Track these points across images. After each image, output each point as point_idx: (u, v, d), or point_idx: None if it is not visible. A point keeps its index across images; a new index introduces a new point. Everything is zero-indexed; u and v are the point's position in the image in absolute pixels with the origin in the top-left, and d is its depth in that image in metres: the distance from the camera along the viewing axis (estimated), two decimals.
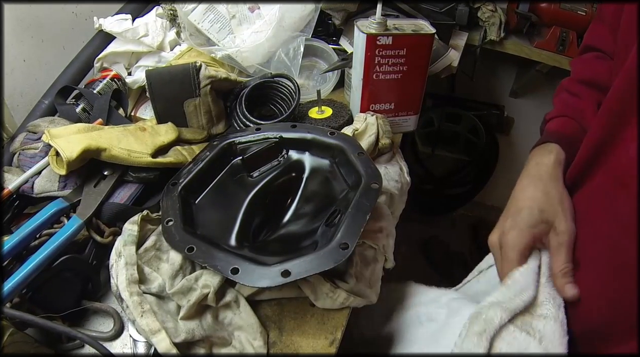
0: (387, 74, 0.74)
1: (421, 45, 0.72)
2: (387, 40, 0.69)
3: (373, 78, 0.73)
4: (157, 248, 0.57)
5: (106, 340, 0.53)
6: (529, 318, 0.48)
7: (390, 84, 0.75)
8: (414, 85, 0.77)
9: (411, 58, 0.73)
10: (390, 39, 0.69)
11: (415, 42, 0.71)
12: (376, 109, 0.80)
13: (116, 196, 0.61)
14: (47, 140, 0.59)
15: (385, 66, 0.72)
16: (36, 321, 0.47)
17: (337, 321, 0.56)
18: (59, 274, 0.53)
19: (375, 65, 0.72)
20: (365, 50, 0.70)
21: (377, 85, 0.75)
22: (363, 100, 0.78)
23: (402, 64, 0.72)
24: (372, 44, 0.69)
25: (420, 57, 0.74)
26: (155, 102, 0.75)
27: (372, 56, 0.70)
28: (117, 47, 0.88)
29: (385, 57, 0.71)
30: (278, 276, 0.47)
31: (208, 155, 0.65)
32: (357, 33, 0.70)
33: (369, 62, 0.71)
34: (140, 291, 0.52)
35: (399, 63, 0.72)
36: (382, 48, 0.70)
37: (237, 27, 0.91)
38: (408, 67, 0.73)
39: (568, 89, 0.66)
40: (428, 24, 0.76)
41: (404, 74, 0.74)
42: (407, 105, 0.81)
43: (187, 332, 0.51)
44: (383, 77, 0.74)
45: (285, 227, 0.62)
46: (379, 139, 0.72)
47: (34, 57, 0.85)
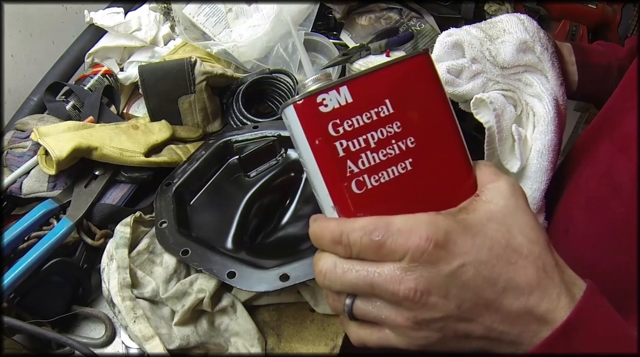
0: (377, 170, 0.32)
1: (415, 79, 0.34)
2: (339, 97, 0.32)
3: (349, 193, 0.32)
4: (150, 251, 0.57)
5: (97, 347, 0.53)
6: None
7: (396, 188, 0.33)
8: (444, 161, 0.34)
9: (409, 110, 0.33)
10: (345, 90, 0.32)
11: (402, 74, 0.33)
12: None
13: (108, 196, 0.61)
14: (36, 139, 0.59)
15: (364, 156, 0.32)
16: (24, 327, 0.47)
17: (337, 327, 0.56)
18: (48, 278, 0.53)
19: (341, 164, 0.32)
20: (306, 136, 0.32)
21: (366, 206, 0.32)
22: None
23: (396, 132, 0.32)
24: (313, 118, 0.32)
25: (425, 102, 0.34)
26: (149, 99, 0.75)
27: (327, 144, 0.32)
28: (109, 41, 0.88)
29: (353, 135, 0.32)
30: (276, 280, 0.47)
31: (203, 154, 0.65)
32: (285, 113, 0.33)
33: (326, 162, 0.32)
34: (133, 296, 0.52)
35: (389, 133, 0.32)
36: (339, 116, 0.32)
37: (234, 21, 0.91)
38: (412, 130, 0.33)
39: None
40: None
41: (412, 151, 0.33)
42: (447, 200, 0.34)
43: (182, 338, 0.51)
44: (372, 181, 0.32)
45: (283, 229, 0.62)
46: None
47: (22, 52, 0.85)
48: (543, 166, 0.55)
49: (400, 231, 0.29)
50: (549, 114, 0.54)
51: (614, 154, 0.49)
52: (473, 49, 0.55)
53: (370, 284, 0.30)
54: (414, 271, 0.29)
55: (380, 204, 0.32)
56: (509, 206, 0.32)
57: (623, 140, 0.47)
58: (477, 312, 0.29)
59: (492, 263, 0.29)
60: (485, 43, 0.56)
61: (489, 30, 0.57)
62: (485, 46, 0.56)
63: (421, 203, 0.32)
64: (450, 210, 0.32)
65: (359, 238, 0.30)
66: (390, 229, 0.29)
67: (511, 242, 0.30)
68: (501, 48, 0.55)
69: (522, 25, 0.57)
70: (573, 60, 0.62)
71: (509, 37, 0.56)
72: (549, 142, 0.55)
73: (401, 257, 0.29)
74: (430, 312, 0.29)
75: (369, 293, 0.31)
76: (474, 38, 0.56)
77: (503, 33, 0.57)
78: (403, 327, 0.30)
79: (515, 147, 0.55)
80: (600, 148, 0.51)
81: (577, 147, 0.59)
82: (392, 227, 0.29)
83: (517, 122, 0.57)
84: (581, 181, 0.54)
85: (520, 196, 0.33)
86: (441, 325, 0.30)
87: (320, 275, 0.32)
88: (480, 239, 0.30)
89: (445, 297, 0.29)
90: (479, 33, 0.56)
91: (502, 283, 0.29)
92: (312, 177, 0.33)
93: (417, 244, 0.28)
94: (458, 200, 0.33)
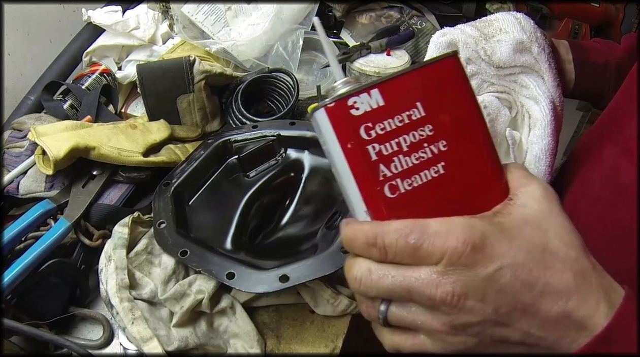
0: (410, 174, 0.32)
1: (446, 81, 0.33)
2: (370, 100, 0.31)
3: (383, 198, 0.32)
4: (148, 252, 0.57)
5: (95, 348, 0.53)
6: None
7: (429, 192, 0.32)
8: (476, 164, 0.34)
9: (440, 113, 0.33)
10: (377, 93, 0.31)
11: (432, 77, 0.33)
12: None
13: (106, 196, 0.61)
14: (33, 139, 0.59)
15: (397, 160, 0.32)
16: (22, 328, 0.47)
17: (337, 329, 0.56)
18: (45, 279, 0.53)
19: (374, 168, 0.32)
20: (338, 139, 0.32)
21: (399, 211, 0.32)
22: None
23: (428, 135, 0.32)
24: (345, 121, 0.31)
25: (456, 104, 0.34)
26: (147, 98, 0.75)
27: (359, 148, 0.32)
28: (107, 40, 0.88)
29: (386, 138, 0.32)
30: (276, 281, 0.47)
31: (202, 154, 0.65)
32: (315, 117, 0.32)
33: (359, 166, 0.32)
34: (131, 297, 0.52)
35: (421, 136, 0.32)
36: (371, 119, 0.32)
37: (233, 20, 0.91)
38: (444, 133, 0.33)
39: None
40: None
41: (445, 155, 0.33)
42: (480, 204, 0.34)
43: (181, 340, 0.51)
44: (405, 185, 0.32)
45: (283, 229, 0.62)
46: None
47: (19, 51, 0.85)
48: (541, 171, 0.55)
49: (437, 234, 0.29)
50: (546, 117, 0.54)
51: (618, 156, 0.49)
52: (467, 48, 0.55)
53: (407, 289, 0.29)
54: (451, 275, 0.28)
55: (413, 208, 0.32)
56: (542, 210, 0.31)
57: (627, 144, 0.47)
58: (514, 316, 0.29)
59: (529, 267, 0.29)
60: (480, 42, 0.55)
61: (485, 29, 0.57)
62: (480, 45, 0.55)
63: (454, 207, 0.32)
64: (485, 213, 0.32)
65: (395, 241, 0.29)
66: (427, 232, 0.29)
67: (548, 246, 0.30)
68: (497, 47, 0.54)
69: (518, 24, 0.56)
70: (570, 58, 0.62)
71: (506, 37, 0.55)
72: (546, 146, 0.54)
73: (438, 261, 0.29)
74: (467, 317, 0.29)
75: (405, 298, 0.30)
76: (469, 37, 0.55)
77: (499, 32, 0.56)
78: (439, 333, 0.30)
79: (510, 152, 0.55)
80: (604, 150, 0.51)
81: (580, 148, 0.59)
82: (428, 230, 0.29)
83: (512, 124, 0.56)
84: (585, 183, 0.54)
85: (554, 199, 0.32)
86: (478, 330, 0.29)
87: (355, 281, 0.31)
88: (517, 243, 0.29)
89: (483, 301, 0.29)
90: (474, 32, 0.56)
91: (540, 287, 0.29)
92: (343, 182, 0.32)
93: (455, 247, 0.28)
94: (491, 204, 0.33)
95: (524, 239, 0.30)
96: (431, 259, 0.29)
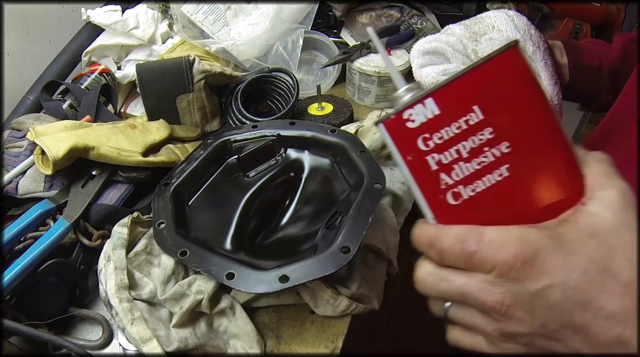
0: (472, 180, 0.32)
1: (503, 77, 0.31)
2: (425, 110, 0.31)
3: (446, 205, 0.32)
4: (148, 252, 0.57)
5: (94, 349, 0.53)
6: None
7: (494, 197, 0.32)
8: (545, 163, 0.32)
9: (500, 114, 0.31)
10: (431, 102, 0.31)
11: (488, 75, 0.31)
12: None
13: (105, 196, 0.61)
14: (32, 138, 0.59)
15: (457, 167, 0.32)
16: (20, 329, 0.47)
17: (337, 329, 0.56)
18: (44, 279, 0.53)
19: (435, 177, 0.32)
20: (399, 152, 0.32)
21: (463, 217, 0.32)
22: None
23: (489, 139, 0.31)
24: (402, 134, 0.32)
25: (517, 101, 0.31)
26: (146, 98, 0.75)
27: (419, 160, 0.32)
28: (106, 39, 0.88)
29: (444, 147, 0.32)
30: (276, 282, 0.47)
31: (202, 154, 0.65)
32: (380, 130, 0.33)
33: (420, 176, 0.33)
34: (131, 297, 0.52)
35: (481, 141, 0.31)
36: (427, 130, 0.31)
37: (233, 19, 0.91)
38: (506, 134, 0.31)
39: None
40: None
41: (508, 157, 0.31)
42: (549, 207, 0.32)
43: (180, 340, 0.51)
44: (467, 192, 0.32)
45: (283, 229, 0.62)
46: None
47: (18, 51, 0.85)
48: None
49: (491, 243, 0.29)
50: None
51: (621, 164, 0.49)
52: (457, 54, 0.52)
53: (461, 293, 0.31)
54: (500, 285, 0.29)
55: (478, 214, 0.32)
56: (616, 222, 0.29)
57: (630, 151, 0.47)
58: (564, 334, 0.29)
59: (582, 288, 0.28)
60: (470, 44, 0.52)
61: (474, 26, 0.54)
62: (470, 48, 0.52)
63: (520, 210, 0.31)
64: (549, 223, 0.30)
65: (452, 245, 0.30)
66: (482, 240, 0.29)
67: (610, 266, 0.28)
68: (488, 46, 0.52)
69: (511, 22, 0.54)
70: (565, 61, 0.61)
71: (498, 35, 0.53)
72: None
73: (490, 270, 0.29)
74: (516, 327, 0.29)
75: (460, 301, 0.31)
76: (457, 41, 0.52)
77: (491, 29, 0.53)
78: (492, 337, 0.31)
79: None
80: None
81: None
82: (483, 239, 0.29)
83: None
84: None
85: (631, 210, 0.29)
86: (527, 341, 0.30)
87: (418, 282, 0.33)
88: (574, 260, 0.28)
89: (531, 314, 0.29)
90: (463, 31, 0.53)
91: (593, 310, 0.28)
92: (412, 190, 0.34)
93: (505, 260, 0.28)
94: (562, 207, 0.31)
95: (584, 255, 0.28)
96: (484, 267, 0.29)
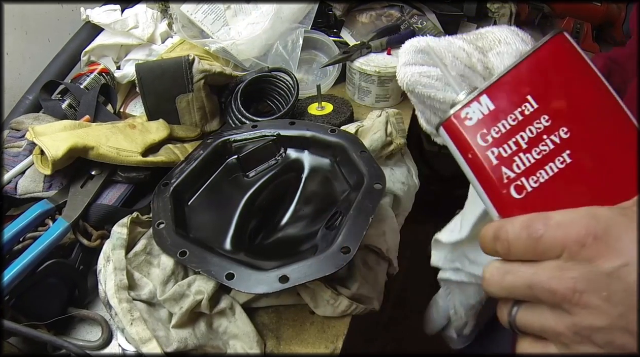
0: (534, 170, 0.31)
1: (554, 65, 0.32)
2: (481, 107, 0.32)
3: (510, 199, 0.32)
4: (147, 252, 0.57)
5: (94, 349, 0.53)
6: None
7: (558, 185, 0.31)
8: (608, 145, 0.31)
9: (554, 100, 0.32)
10: (485, 99, 0.32)
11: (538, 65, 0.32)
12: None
13: (104, 196, 0.61)
14: (31, 138, 0.59)
15: (517, 159, 0.32)
16: (19, 329, 0.47)
17: (338, 329, 0.56)
18: (43, 279, 0.53)
19: (496, 172, 0.32)
20: (459, 151, 0.34)
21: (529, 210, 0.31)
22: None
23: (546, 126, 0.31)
24: (461, 133, 0.33)
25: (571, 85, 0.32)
26: (146, 98, 0.75)
27: (479, 156, 0.32)
28: (106, 39, 0.88)
29: (502, 140, 0.32)
30: (276, 282, 0.47)
31: (201, 154, 0.65)
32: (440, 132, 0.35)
33: (482, 173, 0.33)
34: (130, 298, 0.52)
35: (539, 129, 0.31)
36: (484, 125, 0.32)
37: (233, 19, 0.91)
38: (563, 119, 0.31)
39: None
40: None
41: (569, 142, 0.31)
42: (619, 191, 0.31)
43: (180, 341, 0.51)
44: (531, 183, 0.31)
45: (283, 230, 0.62)
46: (392, 139, 0.72)
47: (17, 50, 0.85)
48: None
49: (559, 224, 0.27)
50: None
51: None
52: (459, 62, 0.47)
53: (528, 285, 0.28)
54: (572, 269, 0.26)
55: (543, 205, 0.31)
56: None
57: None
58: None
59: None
60: (475, 55, 0.48)
61: (478, 42, 0.50)
62: (474, 58, 0.47)
63: (586, 197, 0.30)
64: (622, 203, 0.28)
65: (517, 234, 0.28)
66: (548, 223, 0.27)
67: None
68: (498, 60, 0.48)
69: (517, 35, 0.50)
70: None
71: (507, 48, 0.49)
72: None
73: (559, 254, 0.27)
74: (593, 319, 0.26)
75: (528, 295, 0.29)
76: (459, 49, 0.48)
77: (498, 44, 0.50)
78: (564, 337, 0.27)
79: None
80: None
81: None
82: (550, 222, 0.27)
83: None
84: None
85: None
86: (606, 338, 0.26)
87: (485, 282, 0.31)
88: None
89: (608, 300, 0.25)
90: (465, 45, 0.48)
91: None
92: (476, 189, 0.33)
93: (575, 239, 0.26)
94: (633, 190, 0.29)
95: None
96: (552, 252, 0.27)
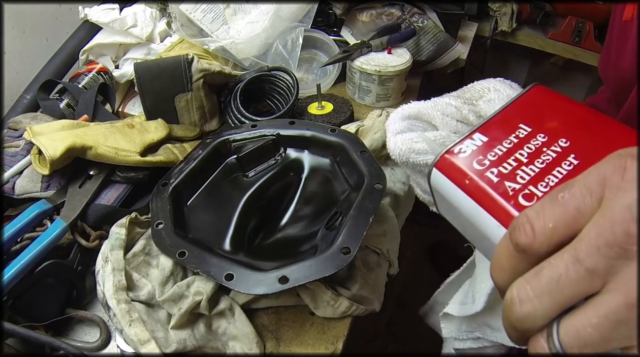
0: (542, 176, 0.31)
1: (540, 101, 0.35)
2: (474, 142, 0.33)
3: (520, 209, 0.30)
4: (146, 253, 0.57)
5: (92, 351, 0.53)
6: None
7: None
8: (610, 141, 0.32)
9: (546, 122, 0.33)
10: (478, 135, 0.34)
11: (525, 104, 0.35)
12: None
13: (103, 197, 0.61)
14: (29, 138, 0.59)
15: (520, 171, 0.31)
16: (17, 331, 0.47)
17: (338, 331, 0.56)
18: (41, 280, 0.53)
19: (499, 187, 0.31)
20: (456, 183, 0.33)
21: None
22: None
23: (544, 142, 0.32)
24: (455, 165, 0.33)
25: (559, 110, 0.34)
26: (145, 97, 0.75)
27: (477, 179, 0.32)
28: (104, 38, 0.88)
29: (501, 160, 0.32)
30: (275, 283, 0.47)
31: (200, 153, 0.65)
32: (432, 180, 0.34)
33: (483, 194, 0.31)
34: (129, 299, 0.52)
35: (537, 145, 0.32)
36: (480, 154, 0.33)
37: (232, 17, 0.91)
38: (560, 134, 0.32)
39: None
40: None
41: (571, 148, 0.31)
42: None
43: (179, 342, 0.51)
44: (540, 188, 0.30)
45: (283, 230, 0.62)
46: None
47: (14, 49, 0.85)
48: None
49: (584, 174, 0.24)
50: None
51: None
52: (450, 119, 0.45)
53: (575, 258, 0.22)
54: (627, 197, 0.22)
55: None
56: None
57: None
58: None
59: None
60: (465, 106, 0.46)
61: (466, 94, 0.48)
62: (464, 111, 0.46)
63: None
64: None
65: (538, 208, 0.24)
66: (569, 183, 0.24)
67: None
68: (489, 106, 0.45)
69: (504, 83, 0.48)
70: None
71: (496, 94, 0.47)
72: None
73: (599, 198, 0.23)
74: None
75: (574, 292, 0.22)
76: (447, 106, 0.46)
77: (487, 91, 0.48)
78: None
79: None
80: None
81: None
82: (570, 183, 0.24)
83: None
84: None
85: None
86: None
87: (513, 308, 0.23)
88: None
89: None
90: (452, 100, 0.47)
91: None
92: (477, 221, 0.30)
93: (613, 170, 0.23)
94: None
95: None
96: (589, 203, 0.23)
